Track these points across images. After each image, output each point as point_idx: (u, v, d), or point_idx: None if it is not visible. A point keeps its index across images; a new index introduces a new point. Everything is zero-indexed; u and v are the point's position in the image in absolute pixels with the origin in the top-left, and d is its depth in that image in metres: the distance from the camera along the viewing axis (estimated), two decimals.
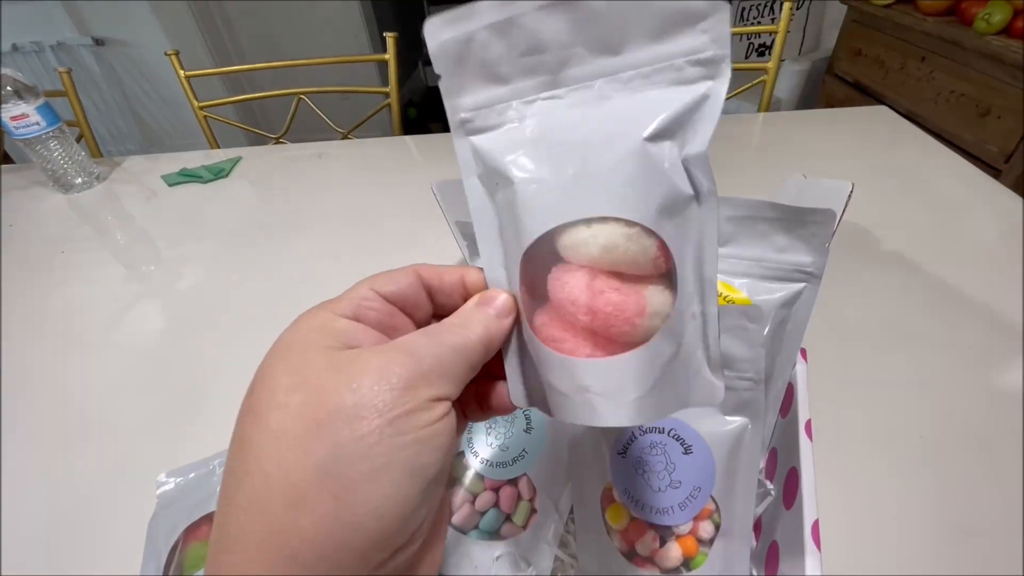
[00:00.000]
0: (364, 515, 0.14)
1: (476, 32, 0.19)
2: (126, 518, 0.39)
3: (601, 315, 0.18)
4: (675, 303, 0.18)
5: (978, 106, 1.29)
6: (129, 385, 0.52)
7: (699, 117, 0.18)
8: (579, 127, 0.19)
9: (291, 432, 0.15)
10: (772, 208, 0.30)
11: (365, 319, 0.18)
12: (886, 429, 0.40)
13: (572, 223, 0.18)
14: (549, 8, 0.18)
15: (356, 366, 0.16)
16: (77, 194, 0.87)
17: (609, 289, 0.18)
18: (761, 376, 0.29)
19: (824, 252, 0.30)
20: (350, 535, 0.14)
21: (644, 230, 0.17)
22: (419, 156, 0.92)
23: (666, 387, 0.18)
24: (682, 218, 0.18)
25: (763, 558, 0.29)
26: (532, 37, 0.19)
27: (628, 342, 0.18)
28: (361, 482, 0.15)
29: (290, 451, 0.15)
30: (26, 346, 0.58)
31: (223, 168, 0.89)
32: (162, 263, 0.70)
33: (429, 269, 0.21)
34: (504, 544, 0.31)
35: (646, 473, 0.29)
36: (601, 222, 0.17)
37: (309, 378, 0.16)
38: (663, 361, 0.18)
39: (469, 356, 0.18)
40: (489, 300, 0.20)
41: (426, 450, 0.16)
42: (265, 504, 0.15)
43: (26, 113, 0.78)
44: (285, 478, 0.15)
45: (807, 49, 1.90)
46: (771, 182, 0.72)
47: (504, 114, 0.20)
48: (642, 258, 0.18)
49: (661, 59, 0.18)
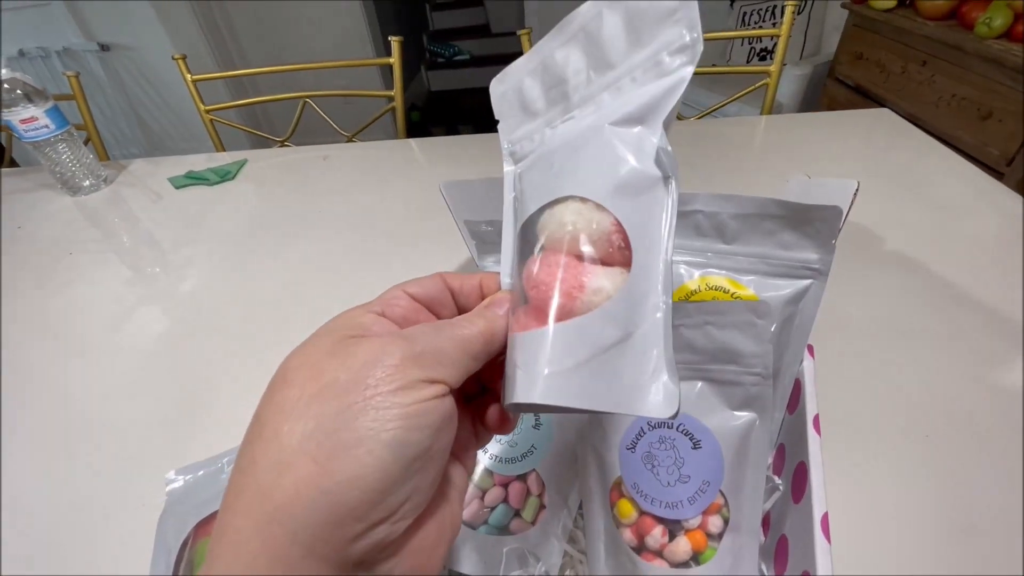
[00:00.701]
0: (341, 482, 0.15)
1: (522, 80, 0.24)
2: (136, 516, 0.40)
3: (542, 286, 0.18)
4: (625, 289, 0.18)
5: (979, 109, 1.29)
6: (137, 384, 0.52)
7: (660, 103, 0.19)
8: (573, 133, 0.21)
9: (289, 404, 0.16)
10: (778, 206, 0.31)
11: (391, 315, 0.20)
12: (892, 426, 0.40)
13: (543, 208, 0.20)
14: (565, 45, 0.22)
15: (357, 348, 0.17)
16: (84, 196, 0.88)
17: (557, 264, 0.18)
18: (769, 371, 0.29)
19: (831, 249, 0.30)
20: (327, 500, 0.15)
21: (596, 206, 0.18)
22: (422, 159, 0.92)
23: (600, 375, 0.17)
24: (645, 199, 0.19)
25: (772, 552, 0.29)
26: (557, 72, 0.22)
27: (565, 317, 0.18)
28: (341, 450, 0.15)
29: (285, 421, 0.16)
30: (34, 346, 0.59)
31: (229, 171, 0.90)
32: (168, 264, 0.70)
33: (452, 276, 0.22)
34: (513, 539, 0.32)
35: (655, 467, 0.29)
36: (562, 202, 0.19)
37: (315, 360, 0.17)
38: (598, 343, 0.17)
39: (468, 345, 0.19)
40: (497, 302, 0.21)
41: (411, 426, 0.16)
42: (258, 466, 0.16)
43: (35, 116, 0.79)
44: (277, 443, 0.16)
45: (808, 53, 1.91)
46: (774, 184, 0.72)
47: (533, 140, 0.23)
48: (596, 235, 0.18)
49: (648, 59, 0.19)
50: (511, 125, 0.24)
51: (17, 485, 0.44)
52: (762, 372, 0.29)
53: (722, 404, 0.30)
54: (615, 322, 0.17)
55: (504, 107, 0.25)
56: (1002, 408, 0.41)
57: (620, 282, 0.18)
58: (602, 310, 0.17)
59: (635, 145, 0.19)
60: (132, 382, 0.53)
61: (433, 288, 0.22)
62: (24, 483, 0.44)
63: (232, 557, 0.15)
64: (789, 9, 0.92)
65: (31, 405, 0.51)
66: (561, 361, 0.17)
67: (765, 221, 0.31)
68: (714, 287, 0.33)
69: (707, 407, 0.30)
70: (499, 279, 0.22)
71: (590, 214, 0.18)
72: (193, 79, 1.03)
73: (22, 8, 2.06)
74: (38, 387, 0.53)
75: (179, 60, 1.01)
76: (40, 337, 0.60)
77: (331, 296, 0.61)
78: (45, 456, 0.46)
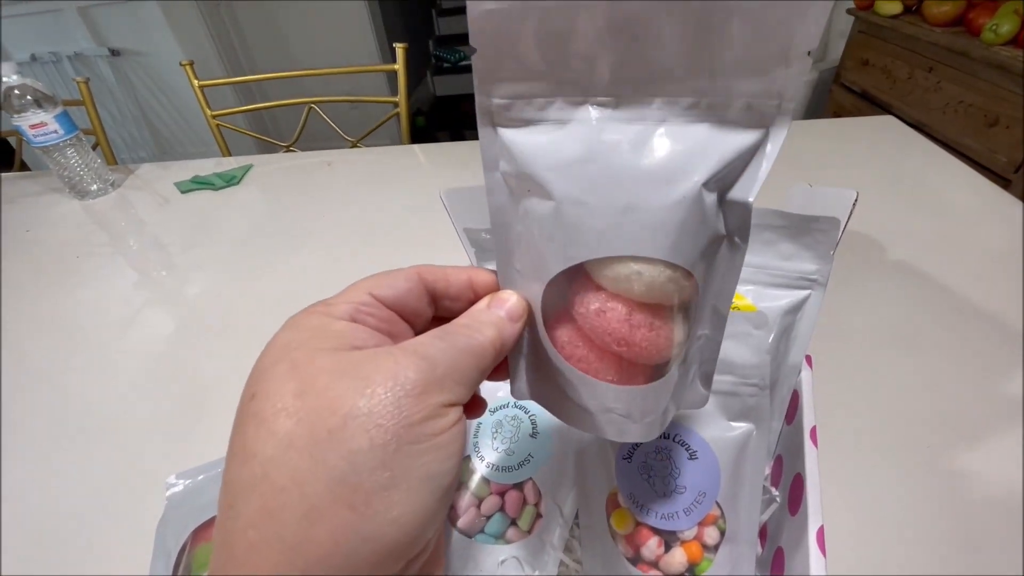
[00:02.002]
0: (382, 525, 0.14)
1: (532, 6, 0.15)
2: (136, 519, 0.40)
3: (636, 348, 0.19)
4: (690, 331, 0.19)
5: (986, 116, 1.29)
6: (140, 388, 0.53)
7: (750, 164, 0.17)
8: (633, 155, 0.17)
9: (301, 441, 0.14)
10: (778, 216, 0.31)
11: (363, 324, 0.18)
12: (891, 437, 0.40)
13: (621, 258, 0.17)
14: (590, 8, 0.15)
15: (366, 369, 0.15)
16: (92, 200, 0.89)
17: (645, 326, 0.18)
18: (766, 382, 0.29)
19: (829, 260, 0.30)
20: (367, 547, 0.14)
21: (685, 273, 0.18)
22: (427, 164, 0.93)
23: (672, 402, 0.20)
24: (714, 257, 0.19)
25: (769, 564, 0.29)
26: (597, 26, 0.15)
27: (649, 368, 0.19)
28: (379, 492, 0.14)
29: (302, 461, 0.14)
30: (40, 348, 0.59)
31: (235, 175, 0.91)
32: (174, 268, 0.71)
33: (433, 271, 0.20)
34: (509, 548, 0.32)
35: (651, 478, 0.29)
36: (648, 261, 0.17)
37: (317, 382, 0.15)
38: (674, 385, 0.20)
39: (481, 359, 0.17)
40: (501, 302, 0.19)
41: (442, 457, 0.15)
42: (278, 518, 0.14)
43: (45, 121, 0.80)
44: (298, 490, 0.14)
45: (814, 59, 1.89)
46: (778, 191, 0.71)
47: (544, 111, 0.17)
48: (677, 297, 0.18)
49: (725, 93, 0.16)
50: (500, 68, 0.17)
51: (19, 486, 0.44)
52: (759, 383, 0.29)
53: (719, 415, 0.30)
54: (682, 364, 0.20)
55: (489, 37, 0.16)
56: (1004, 419, 0.40)
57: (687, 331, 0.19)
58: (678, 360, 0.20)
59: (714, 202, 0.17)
60: (135, 385, 0.53)
61: (407, 292, 0.19)
62: (26, 484, 0.45)
63: None
64: None
65: (35, 406, 0.52)
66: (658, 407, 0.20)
67: (764, 232, 0.31)
68: None
69: (704, 418, 0.30)
70: (491, 276, 0.20)
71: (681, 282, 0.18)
72: (200, 84, 1.04)
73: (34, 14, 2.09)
74: (43, 389, 0.54)
75: (186, 66, 1.02)
76: (46, 339, 0.61)
77: None
78: (47, 458, 0.47)
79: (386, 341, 0.18)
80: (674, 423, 0.30)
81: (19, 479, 0.45)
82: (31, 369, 0.56)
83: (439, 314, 0.20)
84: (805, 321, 0.32)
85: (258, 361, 0.17)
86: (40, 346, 0.60)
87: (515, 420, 0.35)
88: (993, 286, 0.52)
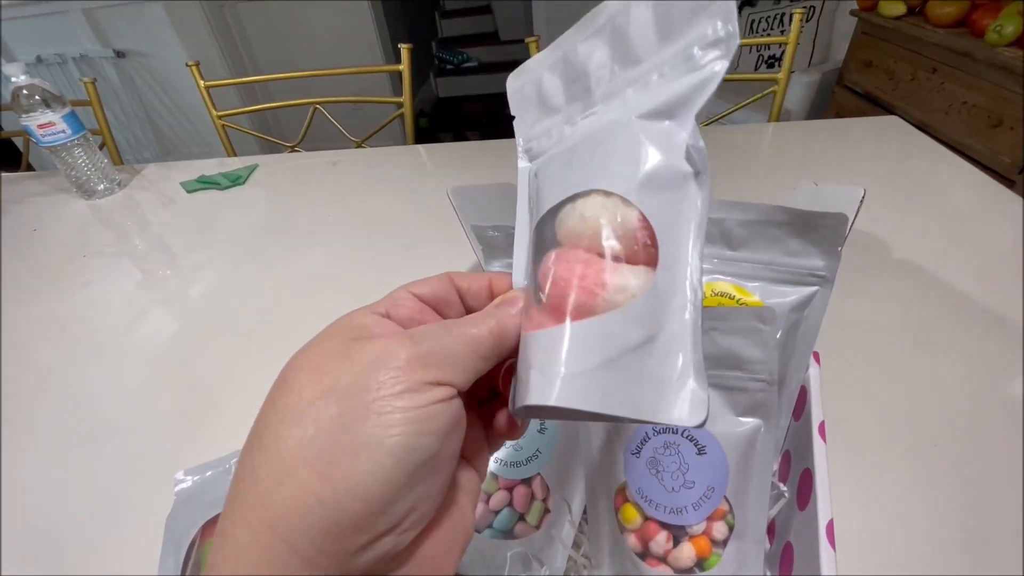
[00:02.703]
0: (342, 492, 0.14)
1: (540, 75, 0.22)
2: (145, 515, 0.40)
3: (560, 283, 0.17)
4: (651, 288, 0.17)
5: (990, 117, 1.28)
6: (147, 386, 0.53)
7: (702, 95, 0.18)
8: (595, 127, 0.20)
9: (289, 409, 0.16)
10: (784, 212, 0.31)
11: (396, 316, 0.19)
12: (898, 433, 0.40)
13: (562, 203, 0.18)
14: (589, 39, 0.20)
15: (358, 349, 0.16)
16: (99, 200, 0.89)
17: (577, 260, 0.17)
18: (774, 378, 0.29)
19: (836, 256, 0.30)
20: (326, 511, 0.14)
21: (621, 200, 0.17)
22: (430, 164, 0.93)
23: (621, 379, 0.16)
24: (674, 195, 0.17)
25: (777, 559, 0.29)
26: (579, 67, 0.21)
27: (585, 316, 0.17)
28: (341, 457, 0.15)
29: (285, 426, 0.15)
30: (47, 346, 0.60)
31: (240, 175, 0.91)
32: (180, 267, 0.71)
33: (461, 276, 0.22)
34: (517, 543, 0.32)
35: (660, 473, 0.29)
36: (584, 196, 0.18)
37: (317, 363, 0.17)
38: (620, 344, 0.16)
39: (477, 345, 0.18)
40: (510, 300, 0.20)
41: (416, 431, 0.15)
42: (257, 474, 0.15)
43: (53, 121, 0.81)
44: (276, 450, 0.15)
45: (817, 60, 1.91)
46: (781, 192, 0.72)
47: (551, 136, 0.22)
48: (620, 230, 0.17)
49: (678, 54, 0.18)
50: (528, 121, 0.23)
51: (27, 484, 0.45)
52: (767, 378, 0.29)
53: (727, 410, 0.30)
54: (639, 323, 0.16)
55: (521, 102, 0.23)
56: (1011, 417, 0.40)
57: (645, 281, 0.17)
58: (625, 309, 0.16)
59: (664, 139, 0.18)
60: (143, 383, 0.53)
61: (440, 288, 0.21)
62: (34, 482, 0.45)
63: (230, 567, 0.15)
64: (797, 17, 0.93)
65: (42, 404, 0.52)
66: (580, 362, 0.16)
67: (771, 228, 0.32)
68: (720, 293, 0.33)
69: (712, 413, 0.29)
70: (510, 279, 0.21)
71: (614, 208, 0.17)
72: (206, 85, 1.04)
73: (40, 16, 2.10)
74: (50, 386, 0.54)
75: (192, 67, 1.02)
76: (53, 338, 0.61)
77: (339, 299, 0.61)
78: (55, 455, 0.47)
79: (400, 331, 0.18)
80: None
81: (27, 477, 0.45)
82: (38, 367, 0.57)
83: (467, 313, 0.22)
84: (813, 317, 0.32)
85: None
86: (47, 344, 0.60)
87: None
88: (999, 284, 0.52)
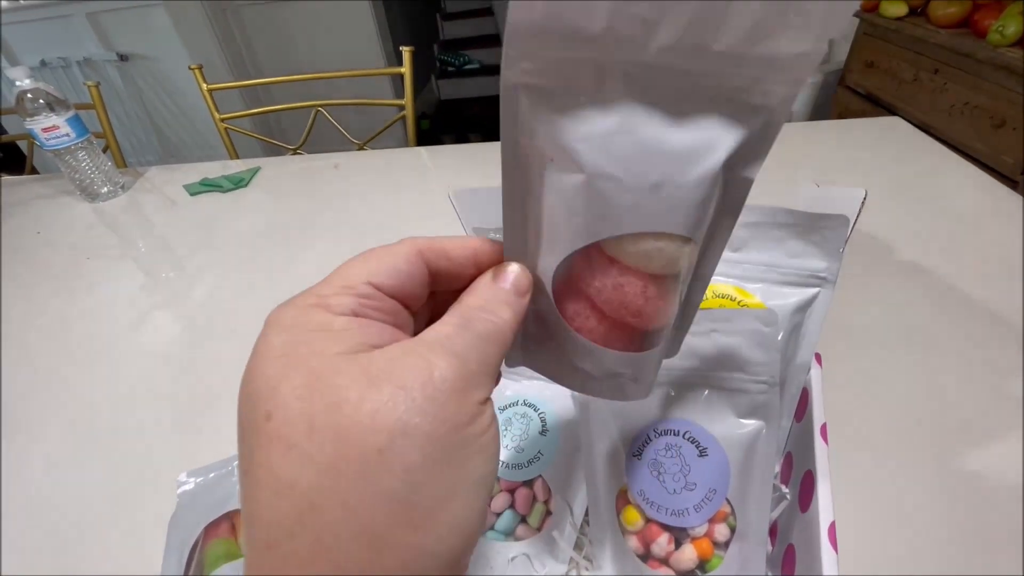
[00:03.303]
0: (446, 538, 0.14)
1: None
2: (147, 517, 0.40)
3: (647, 318, 0.19)
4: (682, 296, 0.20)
5: (993, 118, 1.28)
6: (150, 387, 0.53)
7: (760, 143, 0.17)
8: (662, 129, 0.16)
9: (349, 465, 0.13)
10: (786, 214, 0.31)
11: (367, 318, 0.16)
12: (901, 435, 0.40)
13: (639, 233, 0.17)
14: None
15: (398, 374, 0.14)
16: (102, 203, 0.90)
17: (658, 297, 0.19)
18: (776, 380, 0.29)
19: (838, 257, 0.30)
20: (435, 562, 0.14)
21: (694, 246, 0.18)
22: (432, 167, 0.93)
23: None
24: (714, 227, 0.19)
25: (779, 561, 0.29)
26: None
27: (650, 334, 0.20)
28: (438, 506, 0.13)
29: (354, 488, 0.13)
30: (52, 349, 0.60)
31: (243, 178, 0.91)
32: (183, 270, 0.72)
33: (431, 247, 0.18)
34: (519, 545, 0.32)
35: (661, 475, 0.29)
36: (668, 237, 0.17)
37: (349, 394, 0.13)
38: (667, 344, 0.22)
39: (503, 346, 0.17)
40: (505, 276, 0.18)
41: (488, 457, 0.15)
42: (338, 551, 0.13)
43: (57, 125, 0.81)
44: (355, 518, 0.13)
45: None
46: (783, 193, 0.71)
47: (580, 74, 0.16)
48: (684, 268, 0.19)
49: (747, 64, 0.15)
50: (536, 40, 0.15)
51: (30, 484, 0.45)
52: (769, 380, 0.29)
53: (728, 412, 0.30)
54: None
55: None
56: (1014, 418, 0.40)
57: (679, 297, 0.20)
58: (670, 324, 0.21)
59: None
60: (146, 385, 0.54)
61: (408, 278, 0.17)
62: (36, 483, 0.45)
63: None
64: None
65: (45, 406, 0.52)
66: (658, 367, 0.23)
67: (773, 229, 0.32)
68: (721, 295, 0.33)
69: (713, 415, 0.30)
70: (497, 248, 0.19)
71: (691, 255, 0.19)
72: (209, 88, 1.05)
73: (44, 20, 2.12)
74: (53, 389, 0.54)
75: (195, 70, 1.03)
76: (56, 340, 0.61)
77: None
78: (58, 457, 0.47)
79: (398, 334, 0.16)
80: (683, 420, 0.30)
81: (29, 478, 0.45)
82: (41, 369, 0.57)
83: (435, 289, 0.19)
84: (814, 319, 0.32)
85: (256, 370, 0.15)
86: (51, 346, 0.60)
87: (525, 418, 0.35)
88: (1002, 285, 0.52)
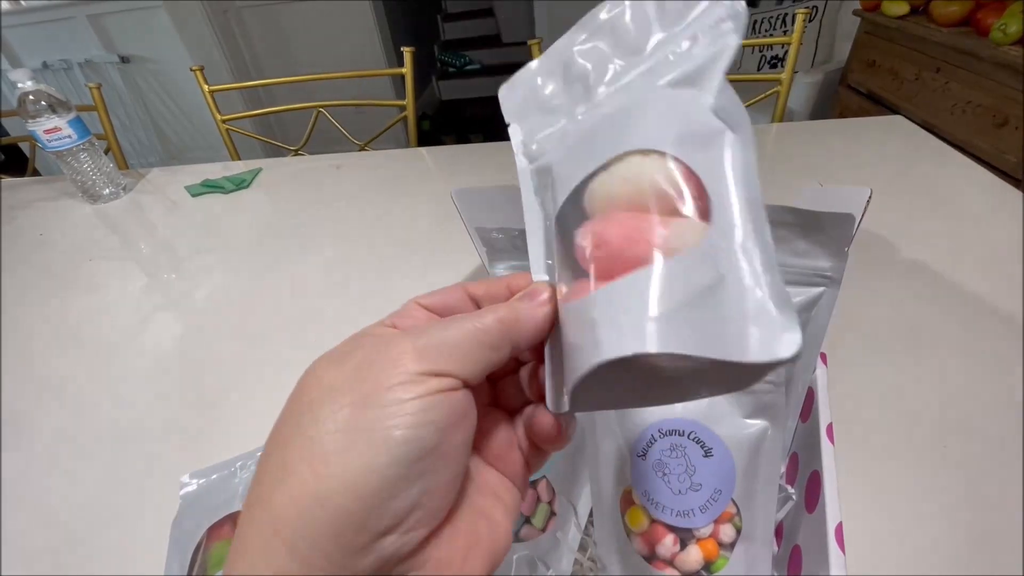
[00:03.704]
0: (335, 489, 0.14)
1: (535, 81, 0.23)
2: (150, 519, 0.40)
3: (613, 241, 0.16)
4: (708, 234, 0.15)
5: (995, 116, 1.28)
6: (152, 389, 0.53)
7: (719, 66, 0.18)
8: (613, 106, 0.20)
9: (290, 412, 0.16)
10: (791, 213, 0.30)
11: (401, 326, 0.19)
12: (907, 435, 0.40)
13: (590, 176, 0.17)
14: (587, 40, 0.21)
15: (356, 349, 0.17)
16: (104, 204, 0.90)
17: (626, 218, 0.16)
18: (781, 379, 0.29)
19: (843, 256, 0.30)
20: (321, 509, 0.14)
21: (660, 155, 0.16)
22: (434, 167, 0.93)
23: (706, 317, 0.14)
24: (714, 148, 0.17)
25: (785, 562, 0.29)
26: (578, 68, 0.21)
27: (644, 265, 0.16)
28: (334, 454, 0.14)
29: (286, 428, 0.16)
30: (54, 351, 0.60)
31: (244, 179, 0.91)
32: (184, 271, 0.72)
33: (476, 284, 0.21)
34: (523, 546, 0.32)
35: (666, 475, 0.29)
36: (619, 160, 0.17)
37: (319, 368, 0.17)
38: (695, 285, 0.14)
39: (482, 335, 0.17)
40: (530, 293, 0.19)
41: (409, 423, 0.15)
42: (260, 480, 0.16)
43: (59, 126, 0.81)
44: (279, 455, 0.15)
45: (820, 60, 1.90)
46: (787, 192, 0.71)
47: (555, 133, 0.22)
48: (667, 185, 0.16)
49: (685, 38, 0.18)
50: (527, 125, 0.23)
51: (32, 486, 0.45)
52: (774, 380, 0.29)
53: (734, 412, 0.30)
54: (707, 265, 0.15)
55: (516, 109, 0.23)
56: (1021, 418, 0.40)
57: (700, 231, 0.15)
58: (691, 252, 0.15)
59: (690, 102, 0.18)
60: (148, 386, 0.54)
61: (450, 298, 0.20)
62: (39, 485, 0.45)
63: (238, 568, 0.15)
64: (800, 17, 0.92)
65: (47, 408, 0.52)
66: (661, 303, 0.14)
67: (777, 229, 0.31)
68: None
69: (719, 415, 0.30)
70: (529, 278, 0.20)
71: (655, 163, 0.16)
72: (210, 89, 1.05)
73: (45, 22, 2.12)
74: (55, 390, 0.54)
75: (197, 71, 1.03)
76: (58, 341, 0.61)
77: (343, 302, 0.61)
78: (61, 458, 0.47)
79: None
80: (689, 420, 0.30)
81: (31, 479, 0.45)
82: (43, 371, 0.57)
83: None
84: (820, 318, 0.32)
85: None
86: (53, 348, 0.60)
87: None
88: (1006, 284, 0.51)
